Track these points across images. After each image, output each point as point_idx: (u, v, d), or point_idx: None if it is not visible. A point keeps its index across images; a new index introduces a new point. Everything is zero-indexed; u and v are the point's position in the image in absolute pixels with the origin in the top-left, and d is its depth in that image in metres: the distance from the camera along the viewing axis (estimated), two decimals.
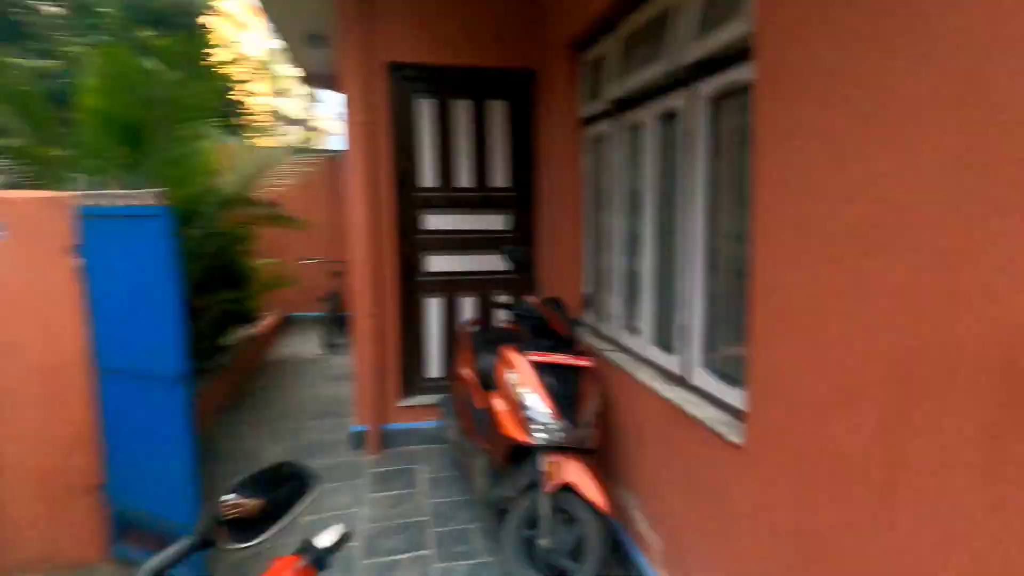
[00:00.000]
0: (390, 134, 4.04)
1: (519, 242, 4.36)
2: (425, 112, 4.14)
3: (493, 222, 4.34)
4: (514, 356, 2.77)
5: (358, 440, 4.23)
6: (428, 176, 4.20)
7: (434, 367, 4.40)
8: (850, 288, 1.45)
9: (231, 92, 10.01)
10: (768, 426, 1.81)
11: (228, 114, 9.62)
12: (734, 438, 1.98)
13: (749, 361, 1.89)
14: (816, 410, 1.58)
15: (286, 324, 8.39)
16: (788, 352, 1.69)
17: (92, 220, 2.71)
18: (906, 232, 1.30)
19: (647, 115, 2.81)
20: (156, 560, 0.93)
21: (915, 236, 1.28)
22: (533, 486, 2.55)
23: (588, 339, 3.48)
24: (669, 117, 2.64)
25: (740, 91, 2.09)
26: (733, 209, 2.21)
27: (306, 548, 1.10)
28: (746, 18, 1.93)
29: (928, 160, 1.24)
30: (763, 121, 1.77)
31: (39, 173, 3.70)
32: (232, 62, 10.74)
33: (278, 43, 5.78)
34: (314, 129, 19.33)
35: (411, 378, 4.34)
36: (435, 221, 4.24)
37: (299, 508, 1.12)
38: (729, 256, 2.26)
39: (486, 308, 4.42)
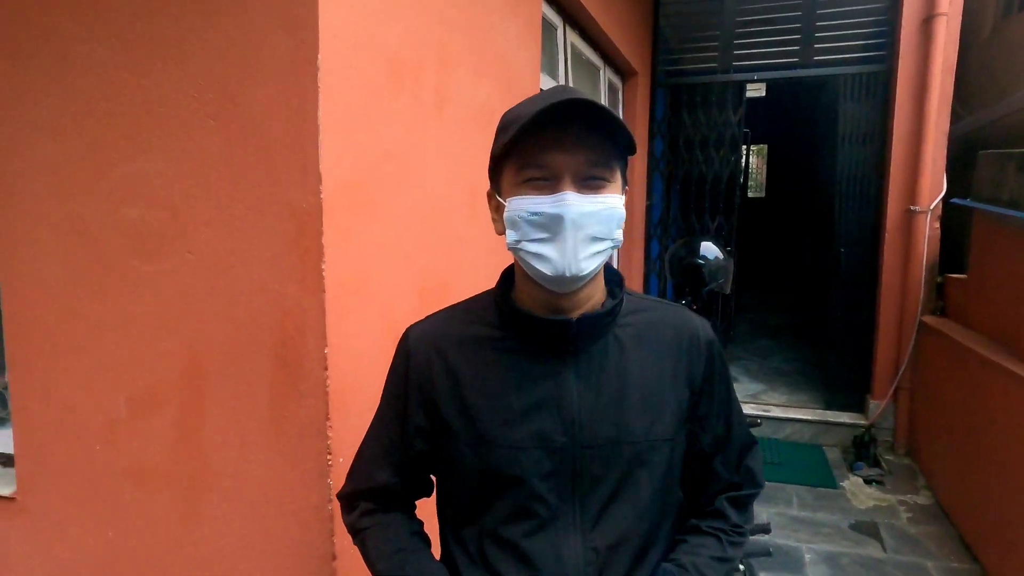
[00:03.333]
0: None
1: None
2: None
3: None
4: None
5: None
6: None
7: None
8: (131, 293, 1.38)
9: None
10: (46, 463, 1.53)
11: None
12: (2, 489, 1.59)
13: (13, 392, 1.55)
14: (107, 428, 1.45)
15: None
16: (61, 373, 1.47)
17: None
18: (183, 234, 1.33)
19: None
20: None
21: (191, 237, 1.32)
22: None
23: None
24: None
25: None
26: None
27: None
28: None
29: (197, 164, 1.30)
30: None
31: None
32: None
33: None
34: None
35: None
36: None
37: None
38: None
39: None
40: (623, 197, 0.86)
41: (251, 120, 1.26)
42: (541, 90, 1.61)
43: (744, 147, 7.77)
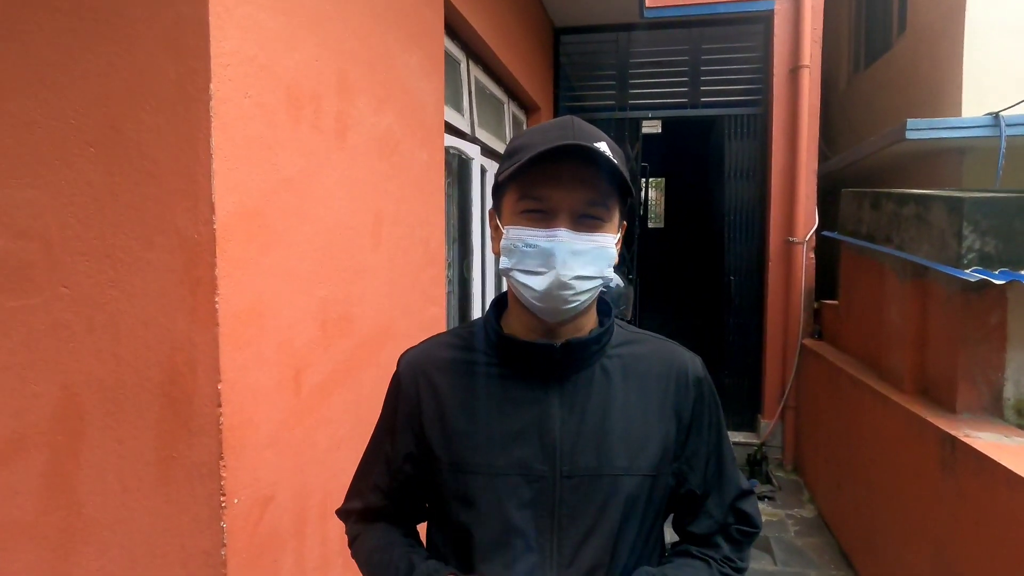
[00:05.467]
0: None
1: None
2: None
3: None
4: None
5: None
6: None
7: None
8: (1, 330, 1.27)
9: None
10: None
11: None
12: None
13: None
14: None
15: None
16: None
17: None
18: (57, 266, 1.24)
19: None
20: None
21: (67, 270, 1.24)
22: None
23: None
24: None
25: None
26: None
27: None
28: None
29: (73, 193, 1.22)
30: None
31: None
32: None
33: None
34: None
35: None
36: None
37: None
38: None
39: None
40: (618, 236, 0.88)
41: (136, 148, 1.20)
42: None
43: (644, 180, 8.20)
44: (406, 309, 2.12)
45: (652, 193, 11.63)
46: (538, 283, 0.82)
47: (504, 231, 0.86)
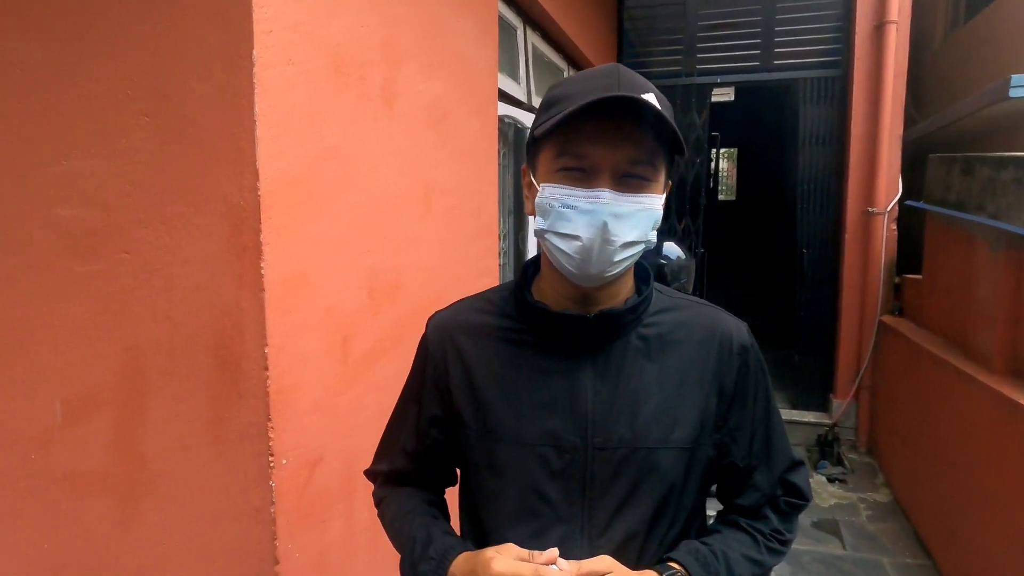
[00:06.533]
0: None
1: None
2: None
3: None
4: None
5: None
6: None
7: None
8: (66, 295, 1.34)
9: None
10: None
11: None
12: None
13: None
14: (42, 435, 1.40)
15: None
16: None
17: None
18: (118, 233, 1.29)
19: None
20: None
21: (126, 236, 1.29)
22: None
23: None
24: None
25: None
26: None
27: None
28: None
29: (130, 162, 1.27)
30: None
31: None
32: None
33: None
34: None
35: None
36: None
37: None
38: None
39: None
40: (663, 196, 0.82)
41: (186, 117, 1.23)
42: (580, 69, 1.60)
43: (713, 150, 7.87)
44: (457, 279, 2.11)
45: (724, 164, 11.19)
46: (575, 248, 0.77)
47: (540, 189, 0.81)
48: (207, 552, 1.32)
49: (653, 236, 0.81)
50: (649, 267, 0.92)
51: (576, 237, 0.77)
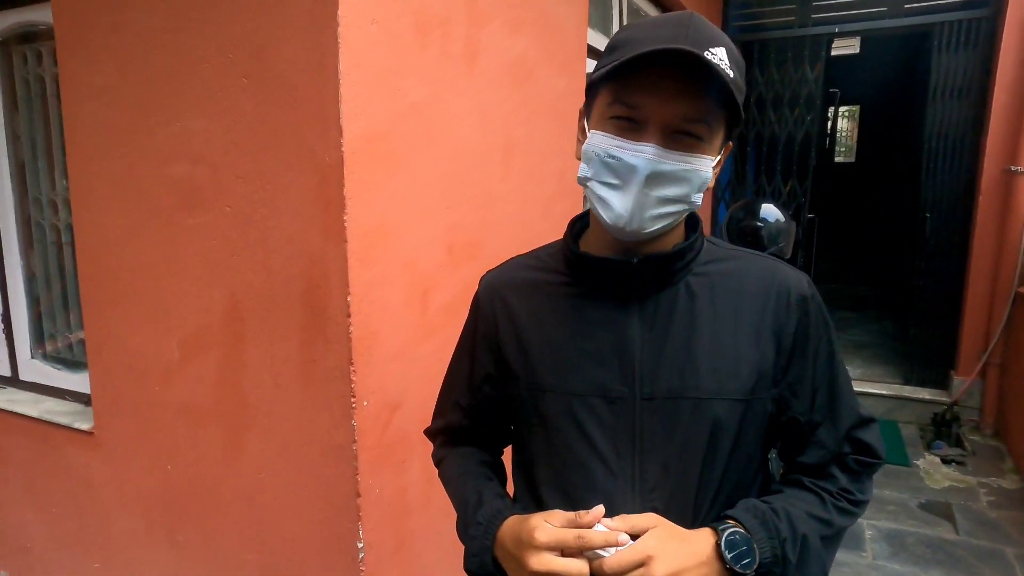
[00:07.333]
0: None
1: None
2: None
3: None
4: None
5: None
6: None
7: None
8: (179, 244, 1.49)
9: None
10: (117, 401, 1.69)
11: None
12: (82, 425, 1.78)
13: (88, 337, 1.71)
14: (164, 371, 1.58)
15: None
16: (127, 319, 1.61)
17: None
18: (221, 188, 1.41)
19: None
20: None
21: (228, 191, 1.40)
22: None
23: None
24: None
25: (42, 35, 1.80)
26: (51, 171, 1.92)
27: None
28: None
29: (232, 121, 1.37)
30: (67, 75, 1.59)
31: None
32: None
33: None
34: None
35: None
36: None
37: None
38: (53, 225, 1.96)
39: None
40: (717, 159, 0.78)
41: (278, 77, 1.31)
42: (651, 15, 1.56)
43: (831, 108, 7.27)
44: (538, 238, 2.11)
45: (844, 123, 10.33)
46: (615, 200, 0.75)
47: (589, 135, 0.79)
48: (298, 481, 1.44)
49: (698, 199, 0.78)
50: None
51: (617, 187, 0.76)
